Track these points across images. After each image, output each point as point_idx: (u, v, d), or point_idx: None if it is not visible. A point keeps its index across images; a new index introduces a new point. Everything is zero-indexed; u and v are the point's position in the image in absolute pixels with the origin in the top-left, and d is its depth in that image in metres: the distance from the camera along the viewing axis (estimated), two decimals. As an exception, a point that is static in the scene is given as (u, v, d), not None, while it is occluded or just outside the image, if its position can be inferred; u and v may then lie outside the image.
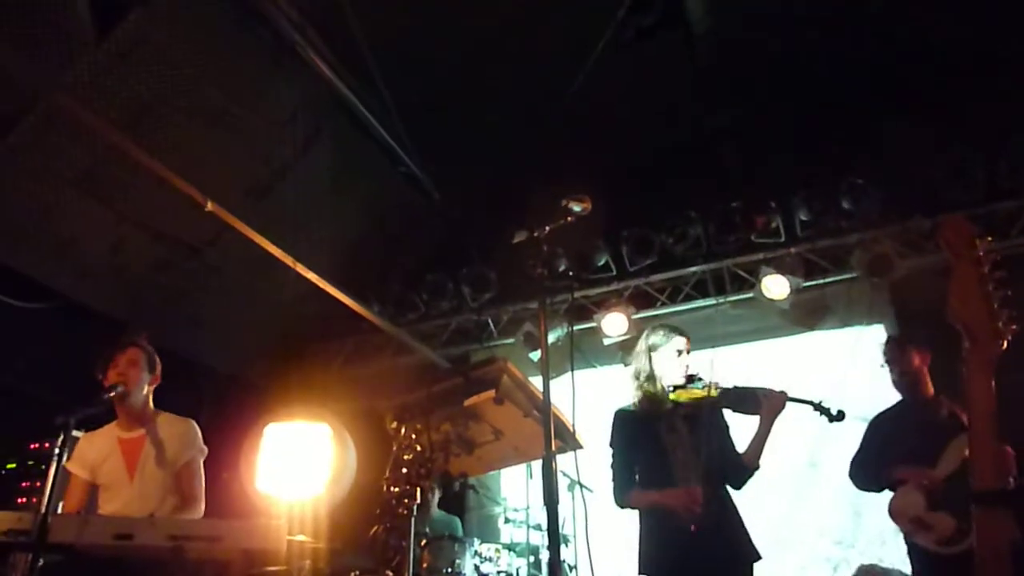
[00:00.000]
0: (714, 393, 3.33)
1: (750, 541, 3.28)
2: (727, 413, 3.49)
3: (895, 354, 4.14)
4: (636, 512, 3.44)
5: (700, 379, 3.44)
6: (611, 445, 3.51)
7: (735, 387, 3.38)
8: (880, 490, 4.10)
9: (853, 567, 5.70)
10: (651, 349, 3.54)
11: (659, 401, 3.44)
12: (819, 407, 3.26)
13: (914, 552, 3.89)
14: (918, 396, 4.08)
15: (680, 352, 3.48)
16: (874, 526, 5.65)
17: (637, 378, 3.54)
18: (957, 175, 5.71)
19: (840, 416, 3.25)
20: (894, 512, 3.93)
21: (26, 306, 5.54)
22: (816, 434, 5.92)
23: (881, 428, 4.23)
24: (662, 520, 3.29)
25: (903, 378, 4.12)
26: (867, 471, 4.14)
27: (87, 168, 5.26)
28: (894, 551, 5.55)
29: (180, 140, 5.47)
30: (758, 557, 3.26)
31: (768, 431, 3.28)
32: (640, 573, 3.31)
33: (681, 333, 3.55)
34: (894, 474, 3.91)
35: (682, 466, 3.31)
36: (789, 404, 3.29)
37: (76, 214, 5.48)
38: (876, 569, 5.29)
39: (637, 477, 3.46)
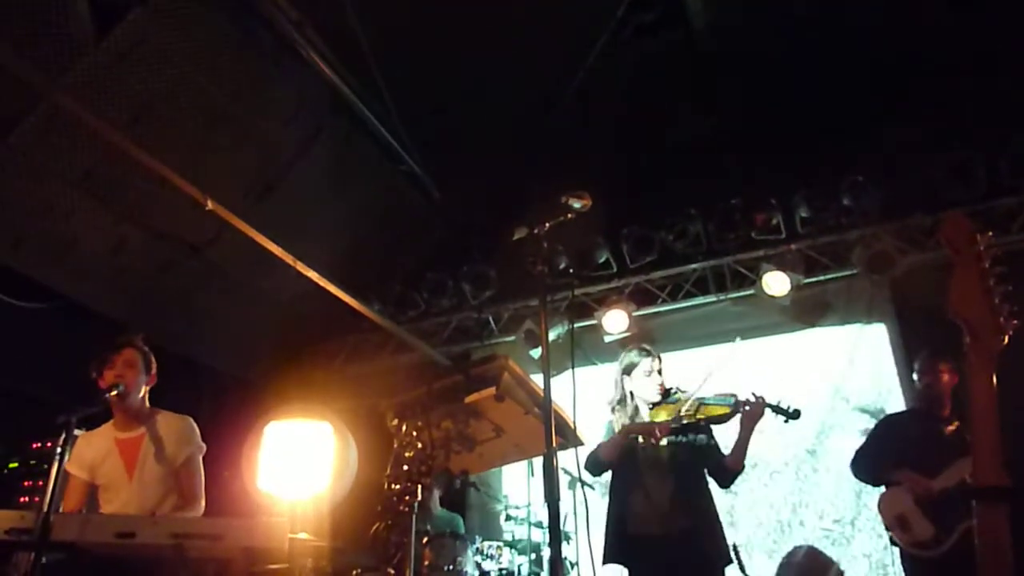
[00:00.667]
0: (690, 414, 3.41)
1: (723, 547, 3.40)
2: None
3: (927, 366, 4.28)
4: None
5: (676, 392, 3.55)
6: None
7: (708, 399, 3.46)
8: (877, 485, 4.26)
9: (852, 544, 5.84)
10: (624, 371, 3.66)
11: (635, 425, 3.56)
12: (776, 408, 3.36)
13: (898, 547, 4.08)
14: (936, 410, 4.23)
15: (651, 372, 3.60)
16: (874, 506, 5.82)
17: (610, 403, 3.71)
18: (957, 172, 5.72)
19: (796, 415, 3.34)
20: (882, 506, 4.15)
21: (27, 306, 5.54)
22: (814, 424, 6.14)
23: (891, 429, 4.41)
24: (628, 522, 3.42)
25: (928, 390, 4.29)
26: (869, 466, 4.30)
27: (87, 168, 5.26)
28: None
29: (180, 140, 5.48)
30: (729, 562, 3.42)
31: (748, 436, 3.38)
32: (606, 563, 3.43)
33: (650, 354, 3.66)
34: (894, 476, 4.07)
35: (651, 477, 3.43)
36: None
37: (77, 214, 5.48)
38: (814, 552, 5.37)
39: (610, 483, 3.65)
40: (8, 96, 4.64)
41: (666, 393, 3.56)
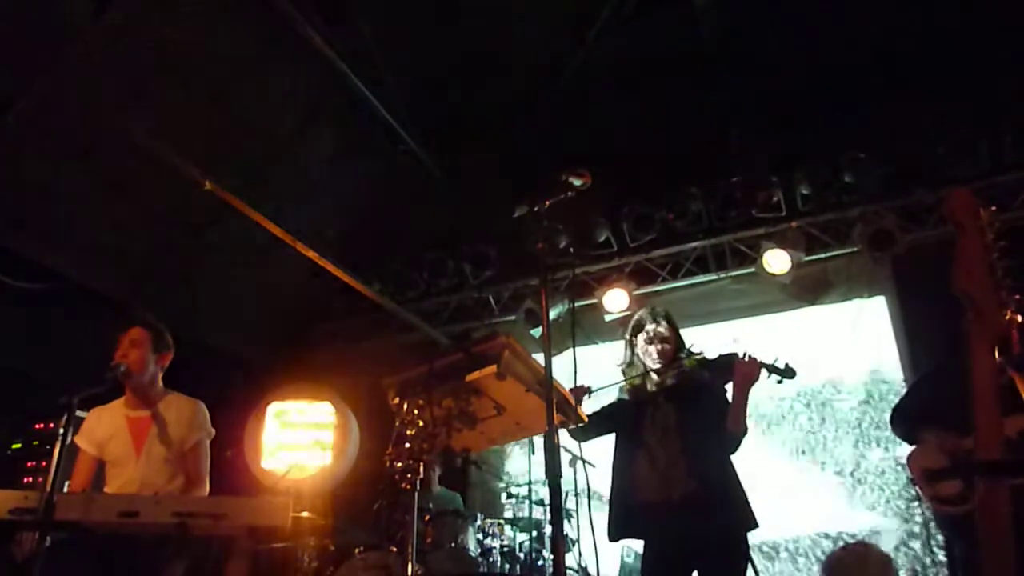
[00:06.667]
0: (690, 362, 3.35)
1: (743, 510, 3.21)
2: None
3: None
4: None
5: (683, 357, 3.42)
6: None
7: (714, 359, 3.39)
8: (911, 443, 4.07)
9: (854, 495, 6.01)
10: (632, 332, 3.57)
11: (643, 387, 3.49)
12: (771, 368, 3.26)
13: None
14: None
15: (652, 339, 3.46)
16: (875, 458, 6.09)
17: (619, 366, 3.62)
18: (959, 148, 5.69)
19: (790, 373, 3.26)
20: (909, 460, 3.89)
21: (27, 287, 5.53)
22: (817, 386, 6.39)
23: (929, 383, 4.09)
24: (631, 490, 3.30)
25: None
26: (903, 421, 4.05)
27: (86, 148, 5.23)
28: (892, 480, 5.96)
29: (179, 119, 5.44)
30: (753, 526, 3.20)
31: (743, 397, 3.24)
32: (612, 540, 3.30)
33: (656, 319, 3.50)
34: (924, 434, 3.71)
35: (655, 439, 3.32)
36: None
37: (76, 195, 5.47)
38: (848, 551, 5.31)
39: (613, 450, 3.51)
40: (6, 75, 4.60)
41: (672, 360, 3.42)
